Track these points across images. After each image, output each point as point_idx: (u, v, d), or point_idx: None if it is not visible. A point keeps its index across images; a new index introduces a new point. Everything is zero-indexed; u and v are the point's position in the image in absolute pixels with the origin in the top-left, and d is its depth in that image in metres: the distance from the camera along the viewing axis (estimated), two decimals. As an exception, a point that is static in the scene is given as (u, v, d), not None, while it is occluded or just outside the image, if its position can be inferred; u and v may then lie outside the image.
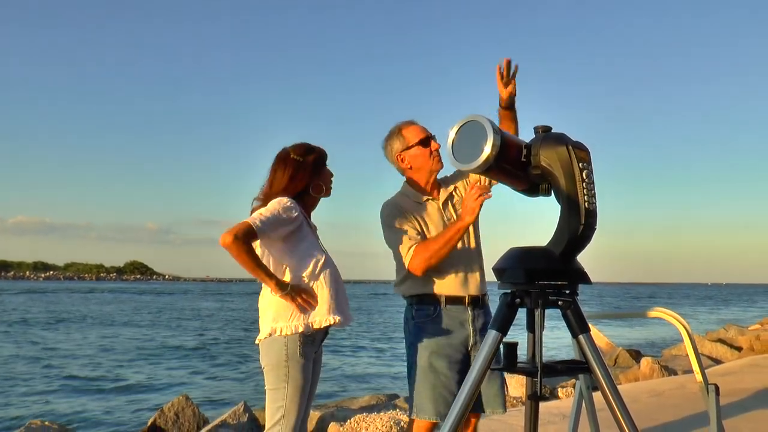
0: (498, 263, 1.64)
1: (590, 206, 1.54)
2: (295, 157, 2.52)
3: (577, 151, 1.55)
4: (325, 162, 2.61)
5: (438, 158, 2.72)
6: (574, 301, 1.57)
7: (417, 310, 2.67)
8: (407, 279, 2.69)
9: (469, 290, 2.65)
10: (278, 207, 2.37)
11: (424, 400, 2.56)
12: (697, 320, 30.10)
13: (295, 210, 2.41)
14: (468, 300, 2.64)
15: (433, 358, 2.59)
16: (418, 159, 2.71)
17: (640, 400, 5.64)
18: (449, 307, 2.63)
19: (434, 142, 2.71)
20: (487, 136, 1.50)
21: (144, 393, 11.08)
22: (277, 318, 2.39)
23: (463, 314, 2.64)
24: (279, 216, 2.35)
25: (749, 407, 5.15)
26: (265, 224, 2.30)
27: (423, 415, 2.55)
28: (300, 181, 2.50)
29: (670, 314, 2.56)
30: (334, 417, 5.79)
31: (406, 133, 2.73)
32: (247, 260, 2.27)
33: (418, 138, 2.70)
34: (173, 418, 6.62)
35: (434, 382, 2.56)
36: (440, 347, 2.59)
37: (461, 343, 2.62)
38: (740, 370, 7.64)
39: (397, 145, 2.74)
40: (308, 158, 2.53)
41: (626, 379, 8.65)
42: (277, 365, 2.36)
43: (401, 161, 2.75)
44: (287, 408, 2.34)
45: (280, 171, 2.51)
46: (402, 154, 2.73)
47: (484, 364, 1.55)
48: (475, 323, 2.64)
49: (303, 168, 2.51)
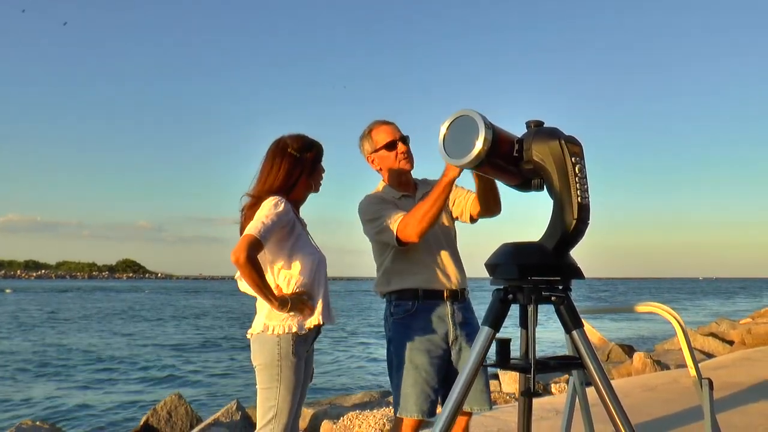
0: (490, 259, 1.63)
1: (583, 201, 1.52)
2: (293, 152, 2.45)
3: (570, 145, 1.53)
4: (321, 159, 2.55)
5: (406, 159, 2.69)
6: (567, 297, 1.56)
7: (395, 306, 2.64)
8: (385, 275, 2.66)
9: (448, 284, 2.62)
10: (275, 210, 2.32)
11: (407, 397, 2.54)
12: (688, 314, 30.25)
13: (288, 211, 2.37)
14: (447, 294, 2.61)
15: (414, 354, 2.56)
16: (386, 161, 2.71)
17: (633, 394, 5.65)
18: (427, 301, 2.60)
19: (401, 144, 2.67)
20: (478, 131, 1.48)
21: (137, 392, 11.04)
22: (271, 316, 2.36)
23: (442, 309, 2.61)
24: (277, 220, 2.31)
25: (742, 401, 5.18)
26: (267, 232, 2.27)
27: (406, 413, 2.53)
28: (295, 178, 2.45)
29: (664, 309, 2.55)
30: (327, 414, 5.78)
31: (375, 134, 2.71)
32: (256, 279, 2.23)
33: (385, 141, 2.68)
34: (166, 417, 6.60)
35: (416, 378, 2.54)
36: (420, 343, 2.56)
37: (441, 339, 2.59)
38: (732, 363, 7.68)
39: (366, 146, 2.74)
40: (307, 155, 2.47)
41: (619, 374, 8.68)
42: (269, 364, 2.34)
43: (372, 162, 2.76)
44: (279, 407, 2.32)
45: (276, 165, 2.44)
46: (372, 155, 2.74)
47: (477, 361, 1.54)
48: (454, 317, 2.61)
49: (300, 165, 2.46)
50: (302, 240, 2.44)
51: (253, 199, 2.42)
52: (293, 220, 2.41)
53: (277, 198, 2.37)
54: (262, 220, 2.28)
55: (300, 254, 2.41)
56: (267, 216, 2.29)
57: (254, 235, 2.23)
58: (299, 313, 2.36)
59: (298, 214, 2.53)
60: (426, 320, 2.59)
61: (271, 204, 2.34)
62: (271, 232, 2.28)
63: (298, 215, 2.52)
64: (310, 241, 2.52)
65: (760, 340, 11.31)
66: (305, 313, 2.38)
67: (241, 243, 2.22)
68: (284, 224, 2.35)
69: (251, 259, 2.20)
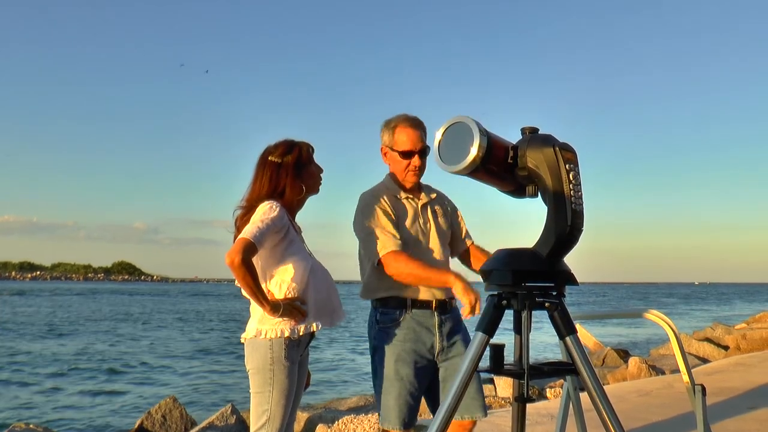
0: (485, 265, 1.64)
1: (577, 207, 1.53)
2: (274, 159, 2.46)
3: (564, 152, 1.54)
4: (308, 159, 2.53)
5: (414, 174, 2.62)
6: (561, 303, 1.57)
7: (382, 313, 2.58)
8: (371, 281, 2.60)
9: (436, 294, 2.56)
10: (269, 214, 2.33)
11: (390, 409, 2.49)
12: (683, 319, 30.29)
13: (281, 215, 2.37)
14: (435, 304, 2.55)
15: (399, 364, 2.51)
16: (395, 165, 2.65)
17: (628, 399, 5.66)
18: (415, 311, 2.55)
19: (417, 158, 2.59)
20: (473, 138, 1.49)
21: (131, 395, 11.01)
22: (264, 320, 2.37)
23: (429, 319, 2.55)
24: (271, 224, 2.31)
25: (736, 406, 5.19)
26: (262, 235, 2.27)
27: (387, 425, 2.49)
28: (281, 184, 2.45)
29: (658, 315, 2.56)
30: (322, 418, 5.77)
31: (398, 134, 2.61)
32: (250, 282, 2.23)
33: (403, 147, 2.59)
34: (160, 420, 6.58)
35: (399, 390, 2.49)
36: (406, 353, 2.51)
37: (427, 350, 2.55)
38: (727, 369, 7.70)
39: (386, 138, 2.65)
40: (287, 158, 2.46)
41: (614, 378, 8.69)
42: (262, 368, 2.34)
43: (383, 154, 2.70)
44: (272, 412, 2.32)
45: (260, 176, 2.47)
46: (385, 149, 2.67)
47: (471, 366, 1.54)
48: (442, 328, 2.56)
49: (283, 170, 2.46)
50: (295, 245, 2.44)
51: (244, 210, 2.44)
52: (287, 225, 2.41)
53: (272, 202, 2.38)
54: (257, 224, 2.29)
55: (292, 259, 2.41)
56: (262, 220, 2.31)
57: (249, 238, 2.24)
58: (291, 318, 2.36)
59: (293, 219, 2.54)
60: (413, 330, 2.54)
61: (266, 208, 2.35)
62: (265, 236, 2.29)
63: (292, 220, 2.53)
64: (304, 247, 2.51)
65: (755, 345, 11.35)
66: (297, 318, 2.38)
67: (235, 245, 2.23)
68: (278, 229, 2.36)
69: (246, 261, 2.21)
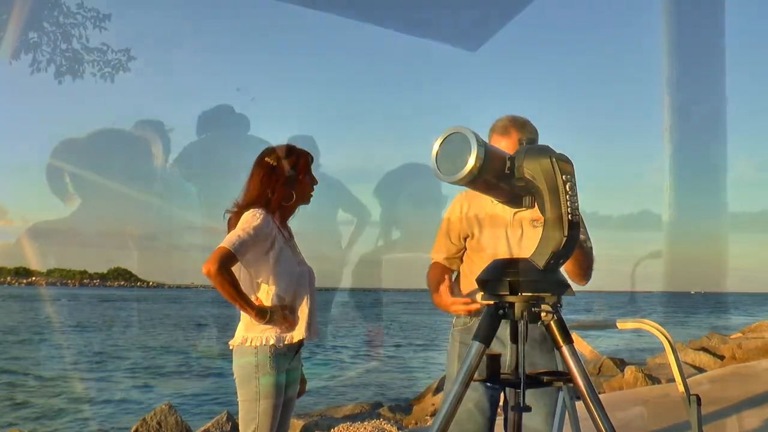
0: (481, 274, 1.65)
1: (573, 218, 1.54)
2: (269, 161, 2.43)
3: (561, 163, 1.55)
4: (305, 168, 2.48)
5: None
6: (557, 313, 1.58)
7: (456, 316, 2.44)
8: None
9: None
10: (252, 223, 2.29)
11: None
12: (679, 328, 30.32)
13: (267, 224, 2.34)
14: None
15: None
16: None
17: (624, 408, 5.67)
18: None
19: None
20: (471, 148, 1.50)
21: (127, 401, 10.97)
22: (250, 327, 2.35)
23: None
24: (253, 234, 2.28)
25: (732, 415, 5.19)
26: (243, 245, 2.24)
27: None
28: (271, 188, 2.40)
29: (653, 325, 2.57)
30: (318, 426, 5.76)
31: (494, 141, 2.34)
32: (230, 290, 2.21)
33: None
34: (156, 427, 6.54)
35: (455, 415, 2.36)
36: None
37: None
38: (723, 378, 7.71)
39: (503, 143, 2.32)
40: (283, 163, 2.42)
41: (610, 387, 8.68)
42: (247, 376, 2.32)
43: None
44: (260, 420, 2.30)
45: (254, 175, 2.44)
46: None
47: (467, 376, 1.55)
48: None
49: (276, 174, 2.42)
50: (284, 254, 2.40)
51: (235, 214, 2.42)
52: (273, 233, 2.37)
53: (256, 210, 2.34)
54: (238, 233, 2.26)
55: (280, 268, 2.38)
56: (243, 229, 2.28)
57: (227, 247, 2.22)
58: (278, 326, 2.34)
59: (283, 226, 2.49)
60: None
61: (249, 216, 2.32)
62: (246, 245, 2.26)
63: (282, 227, 2.48)
64: (294, 255, 2.48)
65: (751, 354, 11.34)
66: (285, 327, 2.35)
67: (213, 255, 2.21)
68: (263, 238, 2.32)
69: (222, 270, 2.18)
